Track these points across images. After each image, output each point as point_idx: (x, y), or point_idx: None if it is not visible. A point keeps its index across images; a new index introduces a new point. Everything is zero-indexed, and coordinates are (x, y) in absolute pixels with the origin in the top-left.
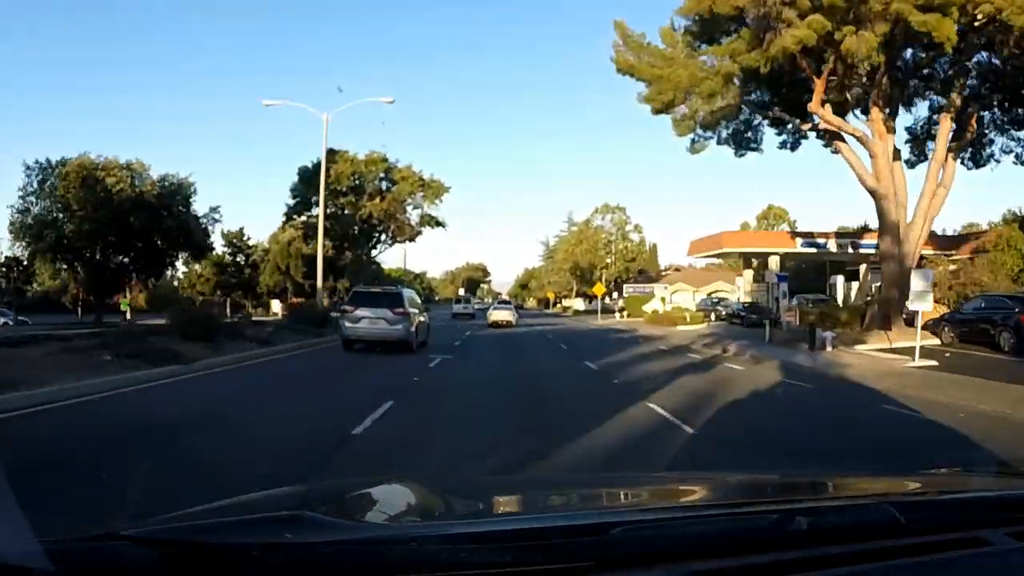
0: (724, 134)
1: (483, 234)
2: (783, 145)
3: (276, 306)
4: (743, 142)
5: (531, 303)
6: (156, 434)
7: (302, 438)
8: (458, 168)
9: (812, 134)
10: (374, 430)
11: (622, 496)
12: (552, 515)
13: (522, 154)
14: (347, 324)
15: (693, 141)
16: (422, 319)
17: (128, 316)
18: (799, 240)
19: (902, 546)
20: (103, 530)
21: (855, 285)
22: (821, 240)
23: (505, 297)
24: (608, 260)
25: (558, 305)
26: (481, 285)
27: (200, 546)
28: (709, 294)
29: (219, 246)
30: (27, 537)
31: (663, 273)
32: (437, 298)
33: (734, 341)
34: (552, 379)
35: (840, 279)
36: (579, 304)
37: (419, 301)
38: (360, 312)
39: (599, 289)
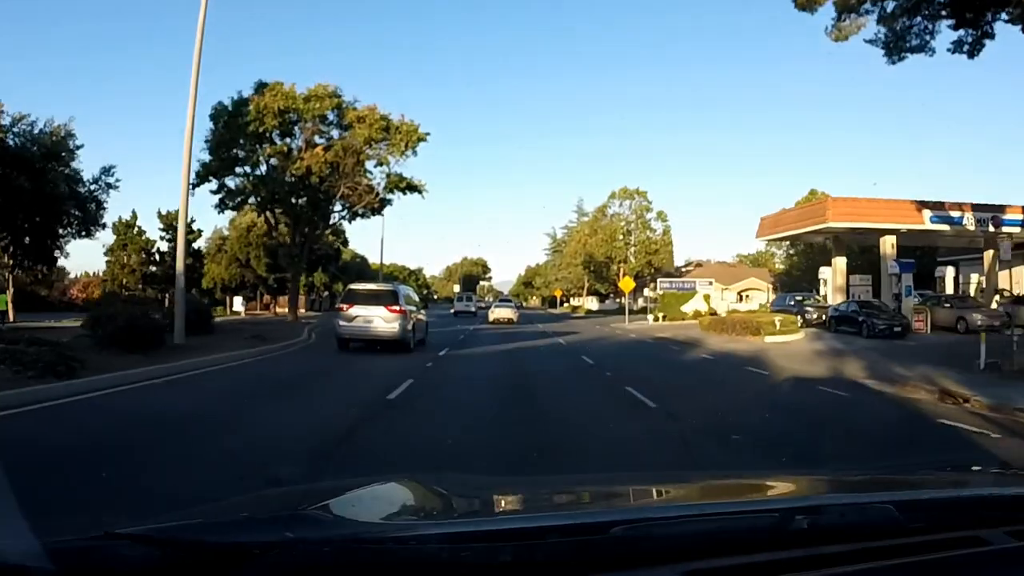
0: (888, 7)
1: (484, 230)
2: (957, 47)
3: (239, 304)
4: (906, 33)
5: (534, 301)
6: None
7: None
8: (456, 160)
9: (1003, 30)
10: None
11: (622, 496)
12: (552, 514)
13: (526, 145)
14: (342, 323)
15: (839, 16)
16: (420, 317)
17: (10, 316)
18: (927, 213)
19: (902, 546)
20: (103, 530)
21: (974, 278)
22: (955, 214)
23: (506, 295)
24: (627, 252)
25: (566, 304)
26: (481, 282)
27: (200, 546)
28: (739, 292)
29: (155, 230)
30: (27, 537)
31: (682, 269)
32: (436, 296)
33: (917, 368)
34: None
35: (950, 270)
36: (591, 303)
37: (416, 299)
38: (355, 310)
39: (627, 284)
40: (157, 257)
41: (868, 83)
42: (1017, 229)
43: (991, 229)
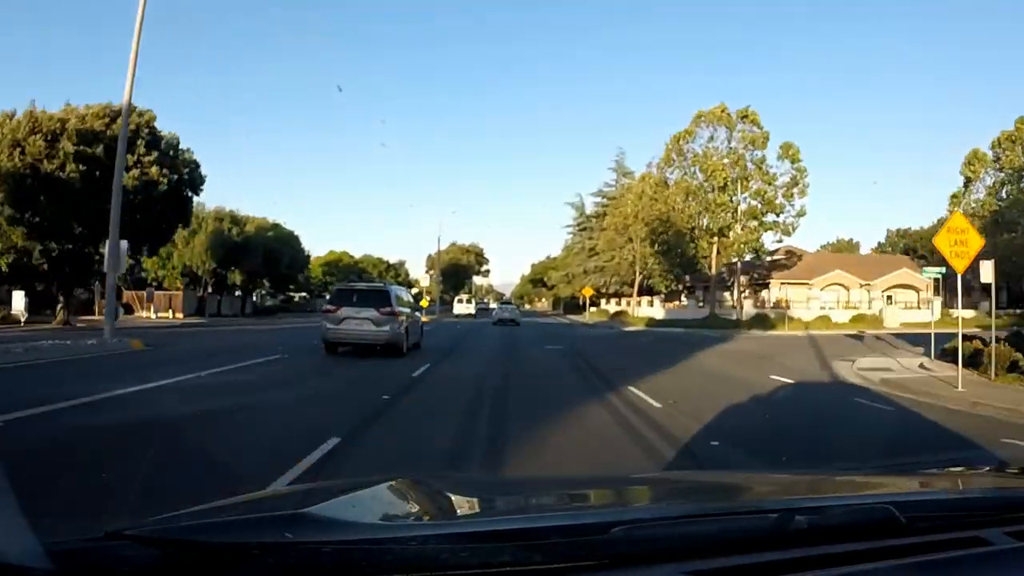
0: None
1: (481, 227)
2: None
3: (18, 302)
4: None
5: (541, 304)
6: None
7: None
8: (453, 155)
9: None
10: None
11: (622, 496)
12: (552, 515)
13: (525, 140)
14: (329, 325)
15: None
16: (414, 318)
17: None
18: None
19: (902, 546)
20: (103, 530)
21: None
22: None
23: (507, 298)
24: (733, 214)
25: (594, 308)
26: (476, 278)
27: (200, 546)
28: (886, 291)
29: None
30: (27, 537)
31: (767, 260)
32: (430, 296)
33: None
34: None
35: None
36: (650, 307)
37: (409, 299)
38: (343, 312)
39: (971, 248)
40: None
41: None
42: None
43: None
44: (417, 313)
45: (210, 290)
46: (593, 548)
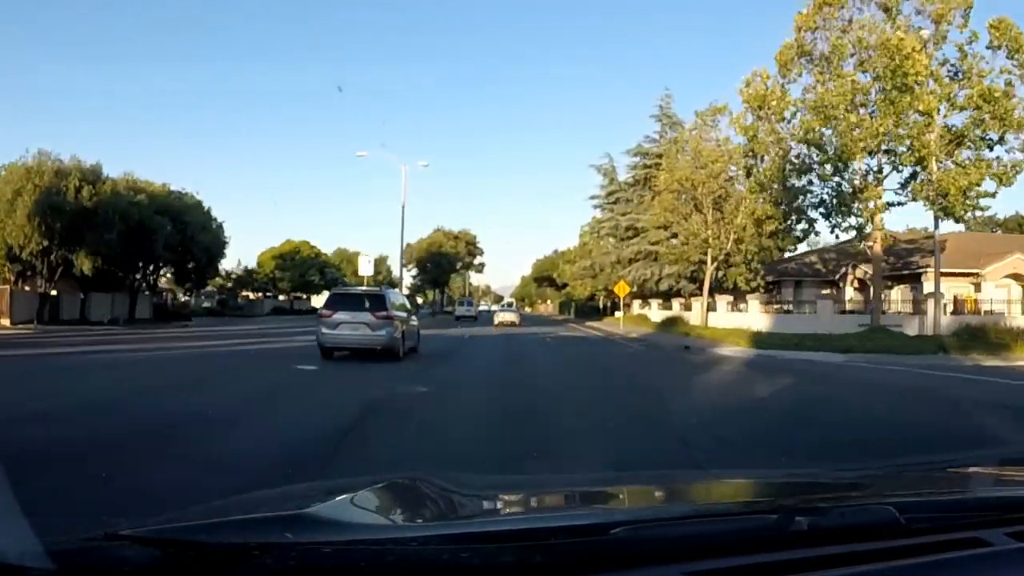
0: None
1: (478, 221)
2: None
3: None
4: None
5: (545, 308)
6: None
7: None
8: (446, 153)
9: None
10: None
11: (622, 496)
12: (552, 515)
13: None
14: (325, 330)
15: None
16: (411, 323)
17: None
18: None
19: (902, 546)
20: (103, 530)
21: None
22: None
23: (510, 300)
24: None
25: (619, 312)
26: (471, 274)
27: (200, 546)
28: None
29: None
30: (27, 537)
31: (901, 244)
32: (421, 300)
33: None
34: None
35: None
36: (736, 311)
37: (406, 303)
38: (339, 316)
39: None
40: None
41: None
42: None
43: None
44: (413, 317)
45: (45, 281)
46: (594, 549)
